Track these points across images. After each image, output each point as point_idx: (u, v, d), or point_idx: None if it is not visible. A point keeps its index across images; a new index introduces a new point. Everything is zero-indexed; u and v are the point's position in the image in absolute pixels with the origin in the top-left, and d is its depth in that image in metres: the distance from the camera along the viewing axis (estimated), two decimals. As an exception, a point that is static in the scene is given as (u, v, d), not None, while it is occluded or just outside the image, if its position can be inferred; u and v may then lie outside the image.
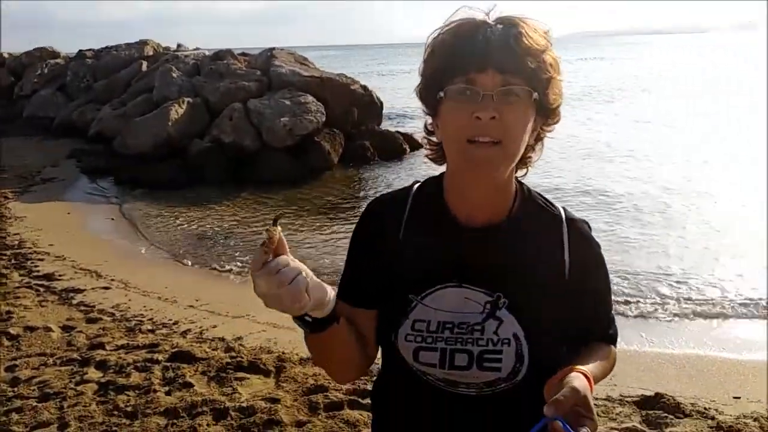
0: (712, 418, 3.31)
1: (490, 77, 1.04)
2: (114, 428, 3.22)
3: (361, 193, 9.96)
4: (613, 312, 1.27)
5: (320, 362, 1.25)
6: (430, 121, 1.17)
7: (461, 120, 1.05)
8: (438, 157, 1.18)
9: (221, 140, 11.10)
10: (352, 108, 12.36)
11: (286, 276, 0.95)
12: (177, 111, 11.51)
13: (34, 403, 3.45)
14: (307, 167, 10.89)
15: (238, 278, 6.13)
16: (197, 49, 17.67)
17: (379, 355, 1.25)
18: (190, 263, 6.61)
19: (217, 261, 6.65)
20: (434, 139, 1.18)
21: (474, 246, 1.15)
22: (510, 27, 1.05)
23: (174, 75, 13.11)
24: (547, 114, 1.12)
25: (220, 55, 13.95)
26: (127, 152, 11.43)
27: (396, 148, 12.36)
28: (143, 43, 17.91)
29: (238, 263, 6.49)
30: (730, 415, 3.35)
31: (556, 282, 1.15)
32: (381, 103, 13.09)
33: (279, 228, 0.96)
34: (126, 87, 15.06)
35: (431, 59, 1.12)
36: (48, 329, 4.55)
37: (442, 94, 1.08)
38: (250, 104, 11.60)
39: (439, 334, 1.12)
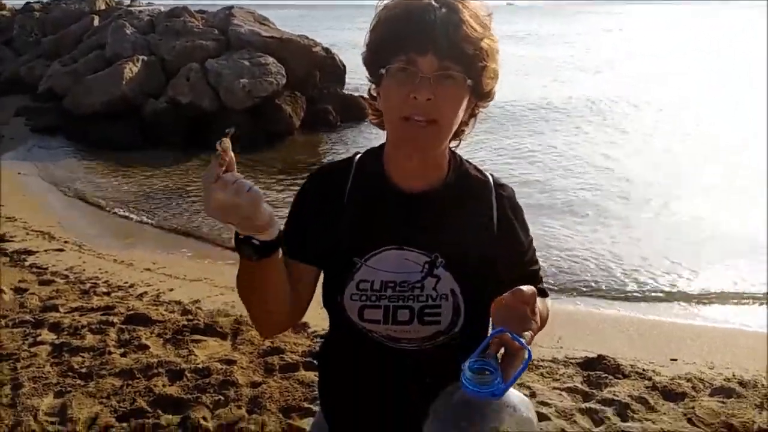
0: (649, 379, 3.50)
1: (428, 61, 1.10)
2: (68, 389, 3.23)
3: (324, 157, 9.92)
4: (540, 267, 1.37)
5: (251, 299, 1.19)
6: (374, 87, 1.23)
7: (399, 98, 1.12)
8: (380, 122, 1.24)
9: (178, 101, 10.84)
10: (314, 71, 12.19)
11: (244, 184, 0.97)
12: (131, 69, 11.16)
13: (-14, 365, 3.43)
14: (268, 130, 10.75)
15: (195, 242, 6.09)
16: (150, 4, 17.05)
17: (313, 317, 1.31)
18: (146, 225, 6.54)
19: (172, 222, 6.60)
20: (377, 105, 1.24)
21: (412, 211, 1.23)
22: (453, 13, 1.11)
23: (127, 32, 12.65)
24: (480, 96, 1.20)
25: (175, 12, 13.48)
26: (79, 111, 11.05)
27: (360, 112, 12.20)
28: (95, -5, 17.17)
29: (194, 224, 6.45)
30: (666, 376, 3.55)
31: (487, 241, 1.25)
32: (344, 67, 12.94)
33: (229, 142, 0.97)
34: (77, 43, 14.44)
35: (377, 31, 1.17)
36: (-1, 291, 4.47)
37: (383, 71, 1.14)
38: (207, 64, 11.32)
39: (382, 293, 1.20)
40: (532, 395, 3.31)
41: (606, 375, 3.53)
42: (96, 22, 15.12)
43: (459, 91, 1.13)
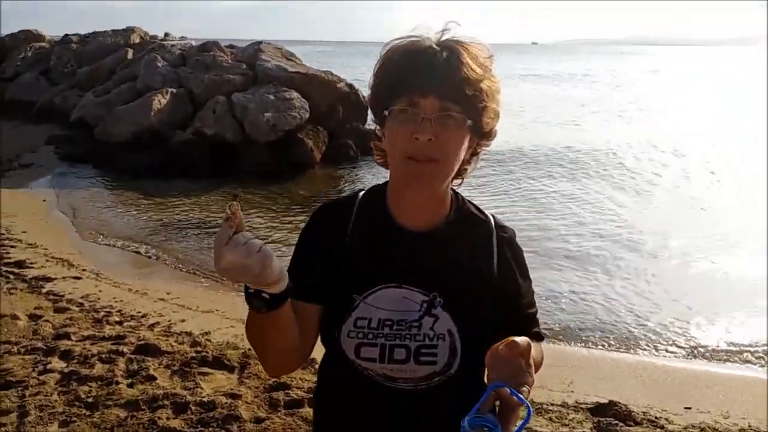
0: (662, 427, 3.40)
1: (430, 103, 1.13)
2: (74, 419, 3.24)
3: (343, 191, 9.98)
4: (537, 311, 1.35)
5: (260, 346, 1.21)
6: (378, 128, 1.26)
7: (402, 139, 1.15)
8: (385, 162, 1.27)
9: (203, 132, 11.08)
10: (337, 106, 12.39)
11: (254, 245, 0.99)
12: (160, 101, 11.47)
13: (-5, 392, 3.46)
14: (290, 163, 10.90)
15: (208, 279, 6.09)
16: (183, 38, 17.57)
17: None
18: (164, 256, 6.61)
19: (190, 254, 6.65)
20: (382, 145, 1.26)
21: (412, 249, 1.24)
22: (453, 56, 1.14)
23: (159, 65, 13.05)
24: (481, 136, 1.22)
25: (206, 47, 13.88)
26: (108, 140, 11.35)
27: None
28: (130, 30, 17.79)
29: (203, 256, 6.49)
30: (679, 425, 3.45)
31: (486, 282, 1.25)
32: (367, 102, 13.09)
33: (238, 205, 1.01)
34: (110, 74, 14.94)
35: (380, 74, 1.21)
36: (15, 317, 4.54)
37: (386, 112, 1.18)
38: (234, 98, 11.58)
39: (379, 331, 1.20)
40: (540, 440, 3.24)
41: (617, 422, 3.44)
42: (130, 55, 15.64)
43: (459, 131, 1.15)
